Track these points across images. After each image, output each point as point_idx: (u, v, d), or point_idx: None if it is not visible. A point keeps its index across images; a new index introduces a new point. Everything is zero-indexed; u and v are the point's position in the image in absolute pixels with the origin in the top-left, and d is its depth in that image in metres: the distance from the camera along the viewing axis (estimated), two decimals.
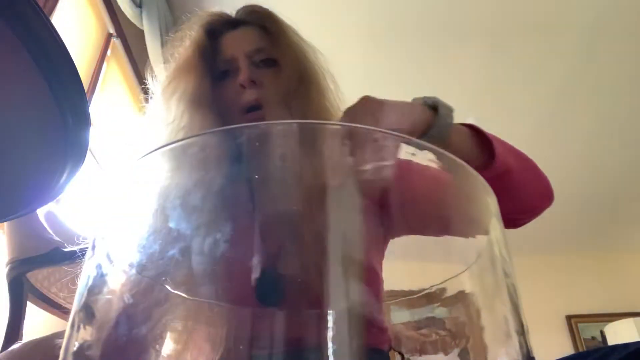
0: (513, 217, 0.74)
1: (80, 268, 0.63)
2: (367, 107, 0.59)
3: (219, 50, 0.79)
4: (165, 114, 0.74)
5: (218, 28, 0.81)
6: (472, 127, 0.68)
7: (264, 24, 0.81)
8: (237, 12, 0.84)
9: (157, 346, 0.28)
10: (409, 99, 0.67)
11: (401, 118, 0.58)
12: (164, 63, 0.84)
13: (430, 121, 0.61)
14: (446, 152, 0.27)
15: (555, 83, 2.63)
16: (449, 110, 0.63)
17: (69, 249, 0.65)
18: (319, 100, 0.76)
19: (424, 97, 0.63)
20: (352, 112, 0.60)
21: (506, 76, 2.60)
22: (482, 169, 0.65)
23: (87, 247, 0.65)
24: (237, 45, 0.78)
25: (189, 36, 0.81)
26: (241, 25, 0.81)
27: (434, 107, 0.63)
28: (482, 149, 0.67)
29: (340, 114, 0.79)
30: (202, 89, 0.74)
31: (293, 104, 0.73)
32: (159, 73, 0.84)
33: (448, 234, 0.31)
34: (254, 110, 0.72)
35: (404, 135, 0.28)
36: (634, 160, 3.13)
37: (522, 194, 0.71)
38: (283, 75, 0.75)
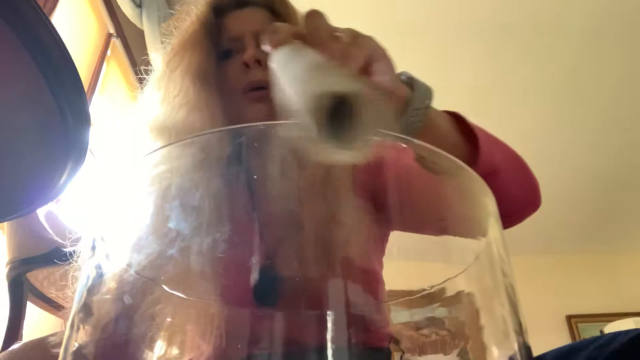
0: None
1: (72, 267, 0.63)
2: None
3: (224, 28, 0.77)
4: (167, 87, 0.72)
5: (225, 6, 0.79)
6: (454, 115, 0.61)
7: (272, 6, 0.79)
8: None
9: (156, 346, 0.28)
10: None
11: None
12: (166, 36, 0.82)
13: (407, 99, 0.52)
14: (443, 152, 0.27)
15: (556, 82, 2.63)
16: (427, 90, 0.55)
17: (69, 249, 0.65)
18: None
19: (399, 72, 0.56)
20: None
21: (507, 75, 2.60)
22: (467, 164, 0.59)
23: (79, 245, 0.64)
24: (244, 24, 0.76)
25: (195, 12, 0.79)
26: (249, 5, 0.80)
27: (409, 84, 0.54)
28: (466, 141, 0.58)
29: None
30: (206, 64, 0.72)
31: None
32: (155, 60, 0.82)
33: (446, 233, 0.31)
34: (257, 90, 0.70)
35: (404, 136, 0.28)
36: (634, 161, 3.13)
37: (505, 197, 0.60)
38: None
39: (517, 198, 0.66)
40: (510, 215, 0.66)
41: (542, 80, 2.61)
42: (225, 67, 0.74)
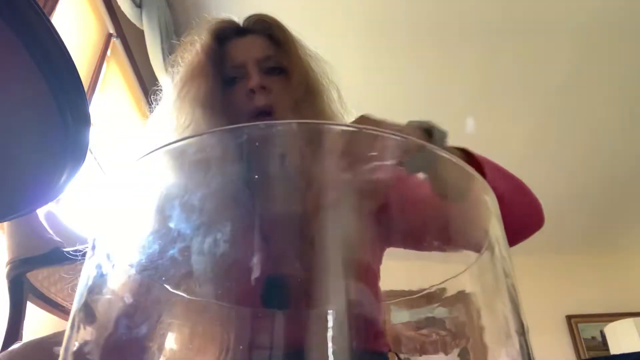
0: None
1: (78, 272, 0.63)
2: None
3: (227, 56, 0.80)
4: (178, 117, 0.75)
5: (227, 35, 0.83)
6: (463, 150, 0.68)
7: (271, 32, 0.83)
8: (245, 21, 0.86)
9: (157, 346, 0.28)
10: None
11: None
12: (172, 67, 0.85)
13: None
14: (445, 152, 0.27)
15: (555, 83, 2.63)
16: (443, 134, 0.62)
17: (68, 249, 0.65)
18: (325, 109, 0.78)
19: (419, 121, 0.63)
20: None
21: (505, 75, 2.60)
22: None
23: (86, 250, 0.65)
24: (246, 52, 0.80)
25: (199, 42, 0.82)
26: (249, 34, 0.83)
27: (428, 131, 0.62)
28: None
29: (344, 122, 0.80)
30: (215, 92, 0.76)
31: (302, 111, 0.75)
32: (162, 80, 0.85)
33: (448, 244, 0.31)
34: (264, 115, 0.74)
35: (407, 136, 0.28)
36: (634, 161, 3.13)
37: (510, 220, 0.70)
38: (292, 83, 0.77)
39: (521, 221, 0.72)
40: (516, 234, 0.73)
41: (541, 80, 2.61)
42: (231, 94, 0.77)
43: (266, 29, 0.83)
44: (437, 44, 2.43)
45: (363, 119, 0.60)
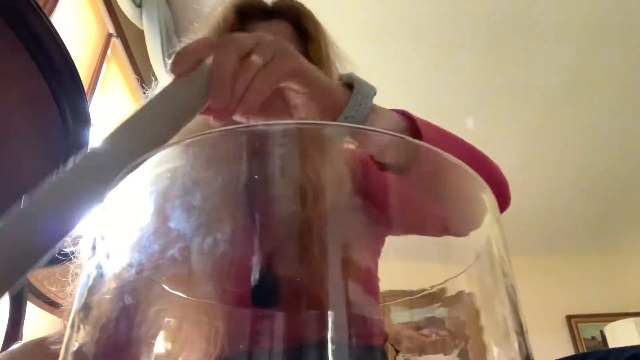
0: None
1: (71, 267, 0.63)
2: (249, 37, 0.47)
3: None
4: None
5: (251, 13, 0.76)
6: (404, 114, 0.57)
7: (300, 22, 0.76)
8: (274, 2, 0.78)
9: (157, 346, 0.28)
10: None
11: (309, 73, 0.49)
12: (188, 34, 0.79)
13: (346, 101, 0.50)
14: (441, 151, 0.27)
15: (555, 84, 2.63)
16: (369, 89, 0.52)
17: (68, 249, 0.65)
18: None
19: (346, 74, 0.54)
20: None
21: (506, 75, 2.60)
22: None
23: (78, 245, 0.64)
24: None
25: (221, 13, 0.75)
26: (275, 17, 0.76)
27: (349, 85, 0.52)
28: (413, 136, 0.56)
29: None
30: None
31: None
32: (160, 75, 0.82)
33: (446, 233, 0.31)
34: None
35: (403, 135, 0.28)
36: (633, 161, 3.13)
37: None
38: None
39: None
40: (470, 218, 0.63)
41: (542, 81, 2.61)
42: None
43: (295, 17, 0.76)
44: (437, 45, 2.43)
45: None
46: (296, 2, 0.78)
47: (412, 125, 0.55)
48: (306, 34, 0.75)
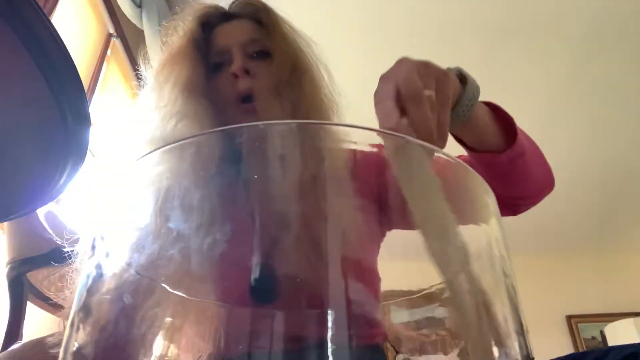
0: (516, 203, 0.75)
1: (71, 267, 0.63)
2: (412, 71, 0.52)
3: (212, 42, 0.78)
4: (158, 99, 0.73)
5: (212, 20, 0.80)
6: (489, 105, 0.68)
7: (258, 16, 0.81)
8: (231, 5, 0.84)
9: (156, 346, 0.28)
10: None
11: (454, 83, 0.56)
12: (155, 52, 0.85)
13: (460, 93, 0.59)
14: (445, 152, 0.27)
15: (556, 83, 2.63)
16: (476, 85, 0.61)
17: (68, 249, 0.65)
18: (311, 90, 0.75)
19: (453, 68, 0.61)
20: (392, 76, 0.54)
21: (506, 75, 2.60)
22: (502, 149, 0.66)
23: (78, 245, 0.64)
24: (230, 36, 0.77)
25: (183, 27, 0.80)
26: (235, 18, 0.81)
27: (461, 80, 0.61)
28: (501, 128, 0.67)
29: (334, 104, 0.78)
30: (196, 76, 0.73)
31: (284, 94, 0.72)
32: (153, 60, 0.84)
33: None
34: (247, 100, 0.72)
35: (402, 135, 0.28)
36: (633, 161, 3.13)
37: (531, 178, 0.72)
38: (275, 66, 0.74)
39: (540, 177, 0.75)
40: (534, 195, 0.77)
41: (541, 80, 2.61)
42: (216, 80, 0.75)
43: (252, 13, 0.81)
44: (438, 44, 2.43)
45: (404, 61, 0.56)
46: (253, 0, 0.83)
47: (499, 116, 0.67)
48: (264, 23, 0.80)
